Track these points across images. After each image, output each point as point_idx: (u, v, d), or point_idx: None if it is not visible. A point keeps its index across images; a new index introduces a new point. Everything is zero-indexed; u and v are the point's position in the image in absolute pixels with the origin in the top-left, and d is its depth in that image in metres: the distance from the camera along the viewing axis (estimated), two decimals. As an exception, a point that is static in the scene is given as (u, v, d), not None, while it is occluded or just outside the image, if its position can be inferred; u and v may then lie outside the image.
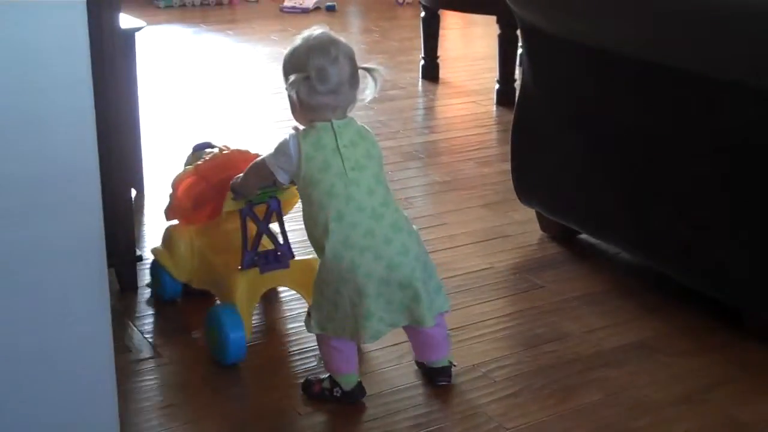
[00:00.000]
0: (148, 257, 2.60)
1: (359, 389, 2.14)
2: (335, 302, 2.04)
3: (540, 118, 2.91)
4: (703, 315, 2.48)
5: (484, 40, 5.56)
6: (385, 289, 2.02)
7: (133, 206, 3.15)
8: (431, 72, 4.83)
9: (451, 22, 6.05)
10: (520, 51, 4.42)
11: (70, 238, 1.61)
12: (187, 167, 2.48)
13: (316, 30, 2.07)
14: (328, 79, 2.00)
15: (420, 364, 2.26)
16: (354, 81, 2.05)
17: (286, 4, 6.56)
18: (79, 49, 1.56)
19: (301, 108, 2.04)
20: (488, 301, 2.59)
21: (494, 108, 4.39)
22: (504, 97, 4.41)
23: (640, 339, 2.39)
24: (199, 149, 2.52)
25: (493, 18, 4.40)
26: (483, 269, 2.78)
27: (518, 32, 4.18)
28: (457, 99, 4.54)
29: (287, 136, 2.03)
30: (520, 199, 3.01)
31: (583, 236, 2.93)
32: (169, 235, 2.52)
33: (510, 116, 4.31)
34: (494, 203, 3.26)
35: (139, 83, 3.21)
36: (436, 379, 2.21)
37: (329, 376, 2.14)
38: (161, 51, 5.35)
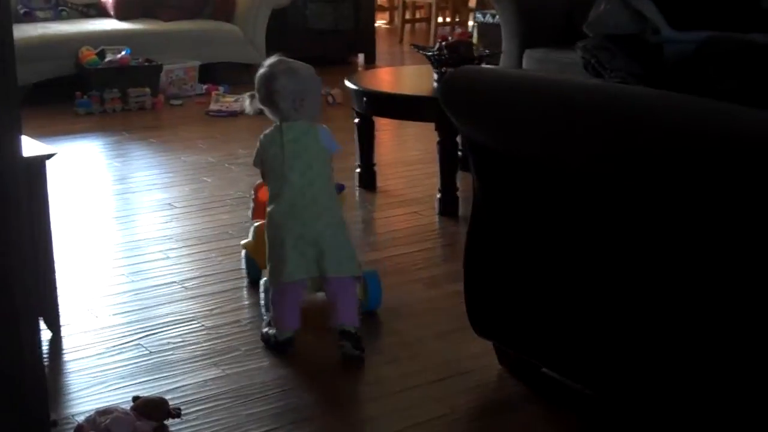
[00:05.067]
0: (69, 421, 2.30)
1: (288, 344, 2.88)
2: (272, 254, 2.86)
3: (495, 240, 2.68)
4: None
5: (420, 143, 5.37)
6: (300, 243, 2.80)
7: (48, 351, 2.87)
8: (368, 180, 4.61)
9: (384, 122, 5.85)
10: (459, 154, 4.26)
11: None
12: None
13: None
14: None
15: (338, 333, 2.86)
16: None
17: (212, 107, 6.32)
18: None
19: None
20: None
21: (437, 219, 4.17)
22: (446, 206, 4.19)
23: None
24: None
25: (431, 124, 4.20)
26: (441, 415, 2.53)
27: (458, 138, 4.05)
28: (398, 210, 4.31)
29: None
30: (475, 329, 2.77)
31: (547, 371, 2.69)
32: (255, 231, 3.29)
33: (454, 227, 4.16)
34: (447, 333, 3.02)
35: (56, 207, 2.93)
36: (341, 342, 2.84)
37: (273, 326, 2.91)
38: (80, 166, 5.06)
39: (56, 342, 2.94)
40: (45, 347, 2.92)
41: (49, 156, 2.88)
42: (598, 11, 2.58)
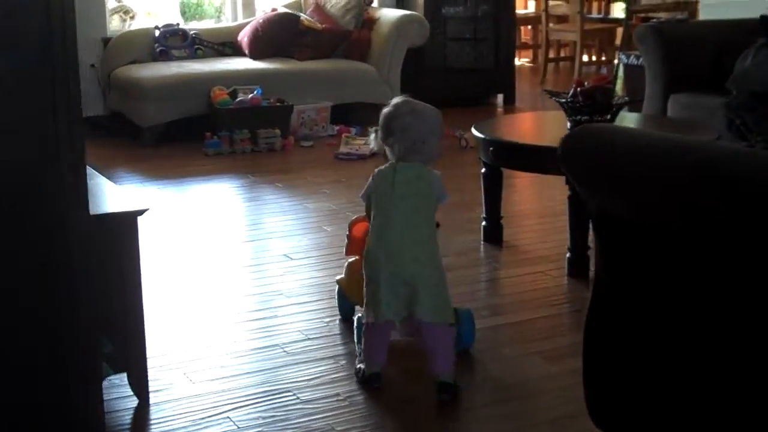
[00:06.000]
0: None
1: (375, 379, 2.90)
2: (367, 290, 2.86)
3: (619, 319, 2.37)
4: None
5: (554, 193, 5.03)
6: (394, 282, 2.78)
7: (131, 421, 2.70)
8: (494, 234, 4.33)
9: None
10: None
11: None
12: (360, 216, 3.21)
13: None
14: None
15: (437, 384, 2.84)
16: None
17: (342, 150, 6.15)
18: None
19: None
20: None
21: (566, 280, 3.86)
22: (576, 267, 3.88)
23: None
24: None
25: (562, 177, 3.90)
26: None
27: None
28: (524, 269, 4.01)
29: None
30: (594, 420, 2.46)
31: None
32: (349, 267, 3.29)
33: (583, 291, 3.83)
34: (563, 418, 2.72)
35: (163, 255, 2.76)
36: (439, 394, 2.82)
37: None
38: (201, 212, 4.94)
39: (142, 410, 2.77)
40: (129, 416, 2.75)
41: (141, 212, 2.72)
42: (745, 65, 2.27)
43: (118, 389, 2.86)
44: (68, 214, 2.05)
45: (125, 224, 2.70)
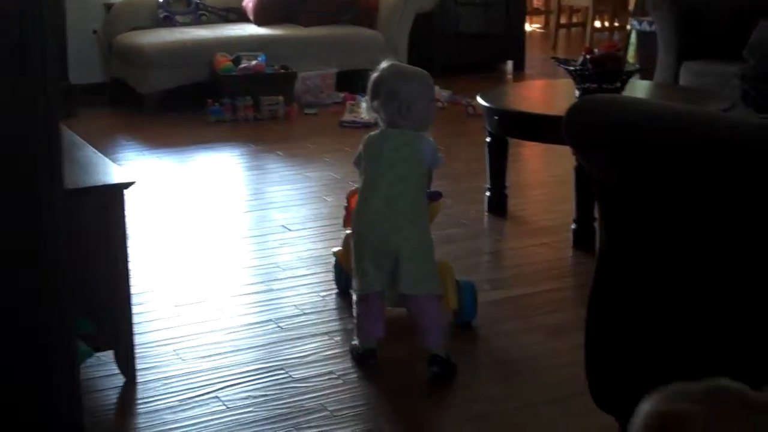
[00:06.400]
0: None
1: (370, 354, 2.78)
2: (354, 262, 2.77)
3: (623, 297, 2.27)
4: None
5: (561, 162, 4.91)
6: (378, 255, 2.69)
7: (117, 400, 2.61)
8: (498, 205, 4.21)
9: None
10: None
11: None
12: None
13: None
14: None
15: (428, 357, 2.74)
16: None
17: (346, 117, 6.02)
18: None
19: None
20: None
21: (570, 252, 3.75)
22: (582, 238, 3.77)
23: None
24: None
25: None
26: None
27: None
28: (528, 240, 3.90)
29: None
30: (597, 403, 2.36)
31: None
32: (346, 240, 3.12)
33: (589, 263, 3.71)
34: (564, 399, 2.62)
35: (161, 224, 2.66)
36: (429, 367, 2.72)
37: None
38: (200, 181, 4.84)
39: (129, 389, 2.68)
40: (116, 395, 2.66)
41: (127, 185, 2.61)
42: (763, 33, 2.11)
43: (105, 367, 2.77)
44: (41, 189, 1.94)
45: (111, 198, 2.60)
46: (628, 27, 8.47)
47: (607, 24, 9.72)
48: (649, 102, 2.20)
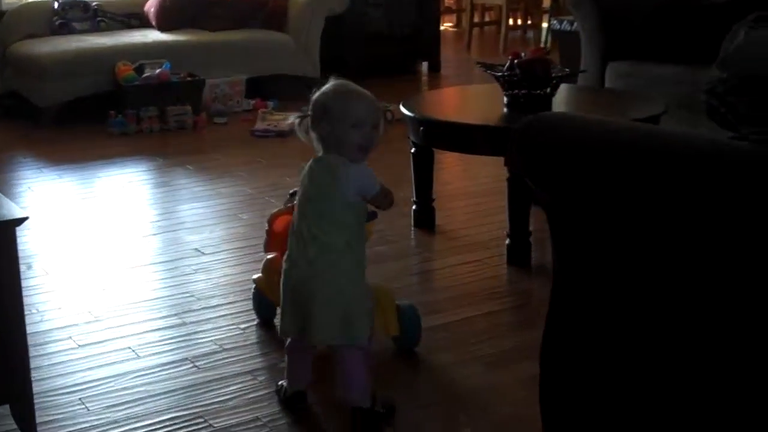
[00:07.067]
0: None
1: (298, 398, 2.56)
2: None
3: (581, 330, 2.05)
4: None
5: (486, 169, 4.70)
6: (294, 298, 2.43)
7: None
8: (426, 219, 3.98)
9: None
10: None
11: None
12: (282, 208, 2.88)
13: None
14: None
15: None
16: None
17: (258, 126, 5.73)
18: None
19: None
20: None
21: (506, 270, 3.53)
22: (516, 254, 3.55)
23: None
24: (294, 194, 2.69)
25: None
26: None
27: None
28: (459, 257, 3.67)
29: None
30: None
31: None
32: (267, 265, 2.93)
33: (526, 281, 3.51)
34: (515, 436, 2.39)
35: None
36: (352, 421, 2.44)
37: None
38: (106, 200, 4.51)
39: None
40: (12, 458, 2.36)
41: (20, 221, 2.30)
42: (737, 42, 1.90)
43: (1, 423, 2.46)
44: None
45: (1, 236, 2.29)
46: (545, 25, 8.35)
47: (520, 22, 9.58)
48: (610, 121, 1.98)
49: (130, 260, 3.68)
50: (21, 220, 2.31)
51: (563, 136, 1.95)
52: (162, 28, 6.51)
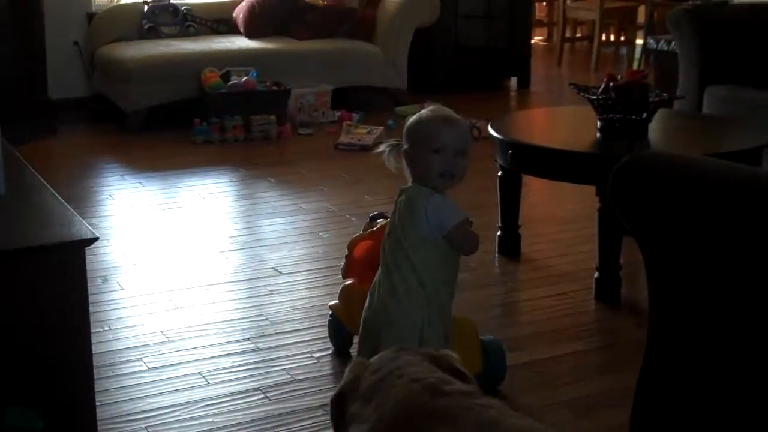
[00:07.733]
0: None
1: None
2: None
3: (677, 389, 1.91)
4: None
5: (576, 194, 4.52)
6: (366, 327, 2.37)
7: None
8: (511, 246, 3.83)
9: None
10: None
11: None
12: (363, 233, 2.82)
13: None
14: None
15: None
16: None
17: (342, 139, 5.63)
18: None
19: None
20: None
21: (593, 305, 3.36)
22: (605, 290, 3.39)
23: None
24: (375, 218, 2.86)
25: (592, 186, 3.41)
26: None
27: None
28: (545, 289, 3.51)
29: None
30: None
31: None
32: (344, 293, 2.88)
33: (615, 318, 3.34)
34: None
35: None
36: None
37: None
38: (185, 213, 4.46)
39: (91, 483, 2.29)
40: (74, 491, 2.27)
41: (90, 241, 2.22)
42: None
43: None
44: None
45: (66, 258, 2.20)
46: (639, 41, 8.12)
47: (612, 38, 9.35)
48: (718, 162, 1.83)
49: (207, 277, 3.60)
50: (91, 241, 2.22)
51: (663, 179, 1.81)
52: (249, 35, 6.46)
